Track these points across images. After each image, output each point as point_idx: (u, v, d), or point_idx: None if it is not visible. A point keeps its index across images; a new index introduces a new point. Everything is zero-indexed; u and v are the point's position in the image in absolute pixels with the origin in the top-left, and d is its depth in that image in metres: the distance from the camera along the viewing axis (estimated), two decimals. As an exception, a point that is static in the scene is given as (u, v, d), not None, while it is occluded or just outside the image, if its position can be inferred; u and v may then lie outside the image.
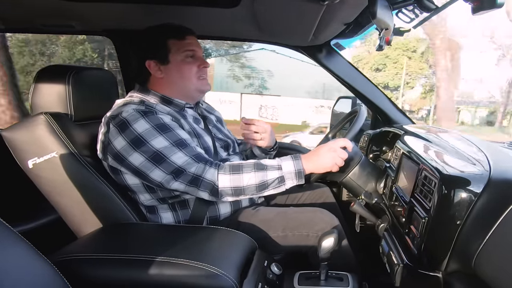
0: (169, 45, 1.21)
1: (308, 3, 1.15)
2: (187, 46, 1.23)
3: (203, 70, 1.26)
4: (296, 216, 1.18)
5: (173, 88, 1.24)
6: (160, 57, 1.22)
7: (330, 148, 1.12)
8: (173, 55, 1.22)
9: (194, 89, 1.26)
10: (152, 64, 1.22)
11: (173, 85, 1.24)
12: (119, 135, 1.08)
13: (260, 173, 1.08)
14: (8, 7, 1.38)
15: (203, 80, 1.27)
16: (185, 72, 1.23)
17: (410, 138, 1.22)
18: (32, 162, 1.08)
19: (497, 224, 0.66)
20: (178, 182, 1.08)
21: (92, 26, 1.67)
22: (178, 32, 1.24)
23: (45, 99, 1.16)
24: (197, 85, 1.26)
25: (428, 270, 0.80)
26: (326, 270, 1.03)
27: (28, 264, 0.59)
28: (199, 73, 1.25)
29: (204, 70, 1.26)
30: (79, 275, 0.86)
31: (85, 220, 1.12)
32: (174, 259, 0.87)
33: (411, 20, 1.13)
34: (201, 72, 1.26)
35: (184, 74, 1.23)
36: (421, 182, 0.89)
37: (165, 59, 1.22)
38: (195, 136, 1.19)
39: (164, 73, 1.23)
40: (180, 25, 1.25)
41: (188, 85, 1.25)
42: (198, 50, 1.26)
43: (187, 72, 1.23)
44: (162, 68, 1.23)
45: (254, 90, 20.77)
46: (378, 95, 1.75)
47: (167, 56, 1.22)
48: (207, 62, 1.27)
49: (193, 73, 1.24)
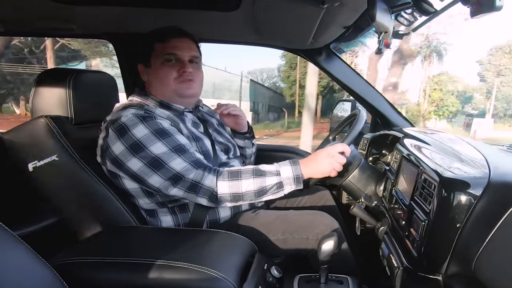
0: (154, 49, 1.21)
1: (307, 6, 1.15)
2: (168, 49, 1.20)
3: (183, 74, 1.21)
4: (296, 219, 1.18)
5: (156, 92, 1.23)
6: (144, 60, 1.23)
7: (328, 154, 1.12)
8: (154, 59, 1.21)
9: (173, 93, 1.22)
10: (141, 68, 1.24)
11: (155, 88, 1.23)
12: (117, 140, 1.08)
13: (259, 179, 1.08)
14: (8, 10, 1.39)
15: (183, 83, 1.21)
16: (162, 76, 1.20)
17: (410, 141, 1.22)
18: (32, 165, 1.08)
19: (497, 227, 0.66)
20: (176, 188, 1.07)
21: (92, 29, 1.67)
22: (162, 35, 1.22)
23: (46, 102, 1.16)
24: (176, 89, 1.21)
25: (428, 273, 0.80)
26: (326, 273, 1.03)
27: (28, 267, 0.59)
28: (179, 78, 1.21)
29: (184, 74, 1.21)
30: (78, 279, 0.86)
31: (84, 223, 1.12)
32: (174, 262, 0.86)
33: (410, 23, 1.13)
34: (182, 77, 1.21)
35: (161, 78, 1.21)
36: (421, 185, 0.89)
37: (148, 63, 1.22)
38: (194, 140, 1.19)
39: (148, 77, 1.24)
40: (168, 27, 1.23)
41: (165, 89, 1.22)
42: (182, 53, 1.21)
43: (163, 76, 1.20)
44: (146, 71, 1.24)
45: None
46: (378, 98, 1.75)
47: (149, 60, 1.22)
48: (187, 66, 1.21)
49: (171, 77, 1.20)
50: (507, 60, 23.47)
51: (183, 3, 1.29)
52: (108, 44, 13.54)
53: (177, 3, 1.29)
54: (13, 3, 1.29)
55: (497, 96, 24.38)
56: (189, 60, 1.23)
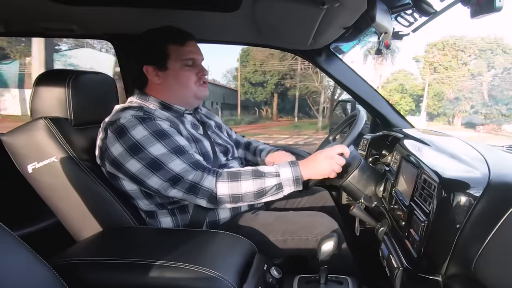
0: (169, 51, 1.20)
1: (307, 7, 1.15)
2: (187, 53, 1.21)
3: (201, 77, 1.25)
4: (296, 220, 1.18)
5: (170, 94, 1.23)
6: (158, 62, 1.20)
7: (328, 155, 1.12)
8: (172, 62, 1.20)
9: (192, 96, 1.25)
10: (150, 70, 1.21)
11: (171, 91, 1.23)
12: (116, 142, 1.07)
13: (258, 180, 1.08)
14: (8, 10, 1.39)
15: (201, 86, 1.25)
16: (183, 80, 1.22)
17: (410, 141, 1.22)
18: (31, 167, 1.08)
19: (497, 227, 0.66)
20: (175, 190, 1.07)
21: (93, 30, 1.67)
22: (179, 37, 1.21)
23: (45, 103, 1.16)
24: (195, 92, 1.24)
25: (428, 273, 0.80)
26: (325, 273, 1.03)
27: (28, 268, 0.59)
28: (198, 81, 1.24)
29: (203, 77, 1.25)
30: (78, 279, 0.86)
31: (84, 225, 1.11)
32: (174, 263, 0.86)
33: (410, 24, 1.13)
34: (200, 80, 1.24)
35: (182, 82, 1.22)
36: (421, 185, 0.89)
37: (164, 65, 1.20)
38: (193, 141, 1.19)
39: (162, 79, 1.22)
40: (181, 29, 1.23)
41: (186, 92, 1.24)
42: (197, 57, 1.24)
43: (185, 80, 1.22)
44: (160, 74, 1.21)
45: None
46: (378, 99, 1.76)
47: (166, 63, 1.20)
48: (206, 70, 1.26)
49: (191, 81, 1.23)
50: (441, 57, 23.57)
51: (183, 3, 1.29)
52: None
53: (177, 4, 1.29)
54: (13, 3, 1.30)
55: (429, 94, 24.42)
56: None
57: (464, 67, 21.75)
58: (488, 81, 21.23)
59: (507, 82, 21.40)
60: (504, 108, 20.45)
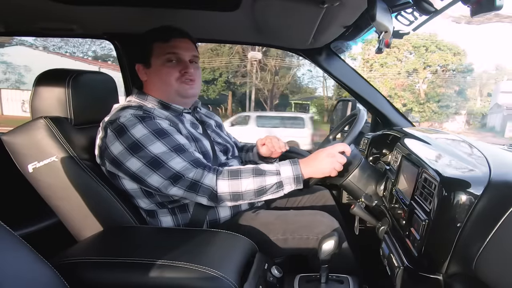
0: (153, 48, 1.21)
1: (308, 6, 1.15)
2: (169, 49, 1.20)
3: (185, 74, 1.22)
4: (296, 219, 1.18)
5: (157, 92, 1.23)
6: (144, 60, 1.22)
7: (329, 154, 1.12)
8: (154, 59, 1.21)
9: (174, 93, 1.23)
10: (140, 68, 1.24)
11: (155, 88, 1.23)
12: (116, 140, 1.07)
13: (259, 178, 1.08)
14: (8, 10, 1.39)
15: (185, 84, 1.23)
16: (164, 76, 1.21)
17: (410, 140, 1.22)
18: (32, 166, 1.08)
19: (498, 226, 0.66)
20: (176, 188, 1.07)
21: (92, 29, 1.67)
22: (162, 34, 1.21)
23: (45, 103, 1.16)
24: (178, 89, 1.22)
25: (428, 272, 0.80)
26: (326, 273, 1.03)
27: (29, 267, 0.59)
28: (182, 78, 1.22)
29: (186, 74, 1.22)
30: (79, 279, 0.86)
31: (85, 224, 1.12)
32: (174, 262, 0.86)
33: (410, 23, 1.13)
34: (184, 77, 1.22)
35: (162, 78, 1.21)
36: (421, 184, 0.89)
37: (148, 63, 1.22)
38: (193, 140, 1.19)
39: (147, 77, 1.23)
40: (171, 27, 1.23)
41: (168, 88, 1.22)
42: (183, 53, 1.22)
43: (165, 76, 1.21)
44: (146, 71, 1.23)
45: (11, 85, 20.74)
46: (378, 98, 1.75)
47: (150, 60, 1.21)
48: (189, 67, 1.22)
49: (173, 78, 1.21)
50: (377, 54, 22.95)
51: (183, 3, 1.29)
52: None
53: (177, 3, 1.29)
54: (13, 3, 1.30)
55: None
56: (190, 60, 1.24)
57: (400, 63, 21.65)
58: (424, 78, 21.26)
59: (441, 79, 21.45)
60: (435, 105, 20.48)
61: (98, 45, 26.68)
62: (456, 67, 21.56)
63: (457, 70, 21.74)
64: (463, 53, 21.09)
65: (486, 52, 43.84)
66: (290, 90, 26.26)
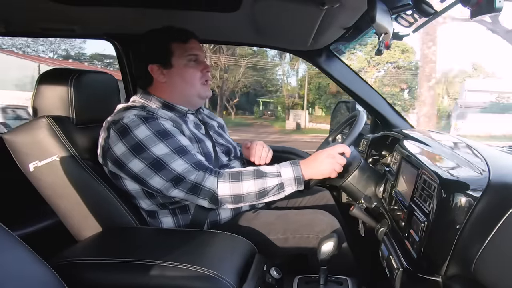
0: (172, 49, 1.21)
1: (308, 8, 1.16)
2: (190, 50, 1.22)
3: (206, 74, 1.25)
4: (297, 218, 1.18)
5: (175, 93, 1.23)
6: (163, 61, 1.21)
7: (329, 155, 1.12)
8: (176, 59, 1.21)
9: (196, 94, 1.25)
10: (155, 68, 1.21)
11: (175, 90, 1.23)
12: (119, 141, 1.08)
13: (260, 180, 1.08)
14: (9, 10, 1.39)
15: (205, 86, 1.26)
16: (188, 76, 1.22)
17: (410, 142, 1.22)
18: (33, 165, 1.08)
19: (497, 228, 0.66)
20: (177, 190, 1.07)
21: (93, 30, 1.68)
22: (181, 35, 1.23)
23: (47, 102, 1.16)
24: (199, 91, 1.25)
25: (427, 274, 0.80)
26: (325, 274, 1.03)
27: (27, 268, 0.59)
28: (202, 78, 1.25)
29: (207, 74, 1.26)
30: (78, 279, 0.86)
31: (85, 224, 1.11)
32: (173, 263, 0.86)
33: (410, 25, 1.13)
34: (205, 77, 1.25)
35: (187, 79, 1.23)
36: (421, 186, 0.89)
37: (168, 63, 1.21)
38: (196, 141, 1.19)
39: (167, 78, 1.22)
40: (183, 28, 1.24)
41: (191, 90, 1.24)
42: (200, 54, 1.25)
43: (190, 77, 1.23)
44: (165, 72, 1.22)
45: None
46: (377, 100, 1.76)
47: (170, 60, 1.21)
48: (208, 66, 1.26)
49: (196, 78, 1.23)
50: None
51: (183, 3, 1.29)
52: None
53: (177, 4, 1.29)
54: (13, 3, 1.30)
55: (312, 88, 24.44)
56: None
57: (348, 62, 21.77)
58: (373, 76, 21.31)
59: (388, 77, 21.48)
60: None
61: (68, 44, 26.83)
62: (407, 65, 21.71)
63: (408, 67, 21.83)
64: (411, 50, 21.19)
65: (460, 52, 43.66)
66: (253, 89, 26.49)
